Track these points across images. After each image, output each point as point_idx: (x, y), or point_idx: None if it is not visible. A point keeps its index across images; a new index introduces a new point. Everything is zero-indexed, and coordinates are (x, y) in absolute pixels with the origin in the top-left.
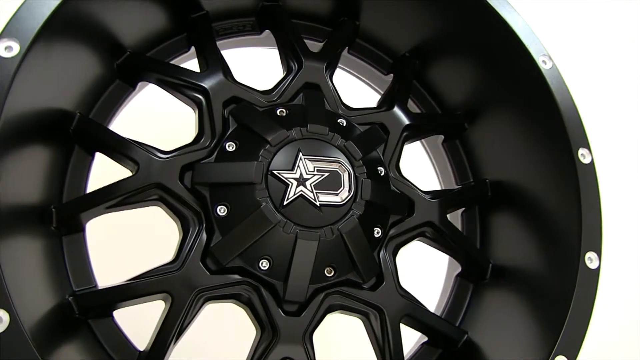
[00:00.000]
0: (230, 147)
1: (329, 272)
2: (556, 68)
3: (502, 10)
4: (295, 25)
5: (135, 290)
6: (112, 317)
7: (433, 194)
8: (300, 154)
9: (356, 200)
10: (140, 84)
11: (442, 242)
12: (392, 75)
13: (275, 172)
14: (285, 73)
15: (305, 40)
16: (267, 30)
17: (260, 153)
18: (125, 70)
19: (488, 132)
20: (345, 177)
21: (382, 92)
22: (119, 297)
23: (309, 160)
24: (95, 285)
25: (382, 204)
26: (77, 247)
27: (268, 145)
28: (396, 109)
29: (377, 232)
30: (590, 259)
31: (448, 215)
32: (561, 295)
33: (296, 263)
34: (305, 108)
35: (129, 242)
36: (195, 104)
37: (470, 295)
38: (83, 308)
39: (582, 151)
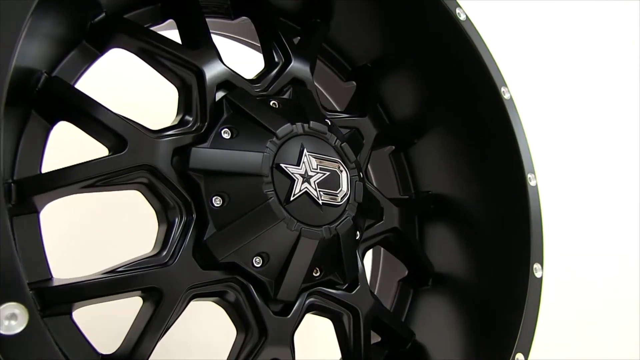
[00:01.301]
0: (226, 134)
1: (316, 272)
2: (512, 99)
3: (471, 34)
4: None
5: (115, 285)
6: (71, 315)
7: (394, 201)
8: (305, 150)
9: (349, 202)
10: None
11: (400, 248)
12: (352, 82)
13: (282, 165)
14: (268, 65)
15: None
16: (242, 18)
17: (267, 144)
18: (98, 31)
19: (436, 148)
20: (344, 178)
21: None
22: (94, 292)
23: (313, 158)
24: (51, 278)
25: (367, 207)
26: (30, 230)
27: (274, 137)
28: (369, 117)
29: (358, 235)
30: (536, 269)
31: None
32: (511, 301)
33: (294, 261)
34: (300, 104)
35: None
36: (183, 83)
37: (410, 299)
38: (44, 304)
39: (529, 175)
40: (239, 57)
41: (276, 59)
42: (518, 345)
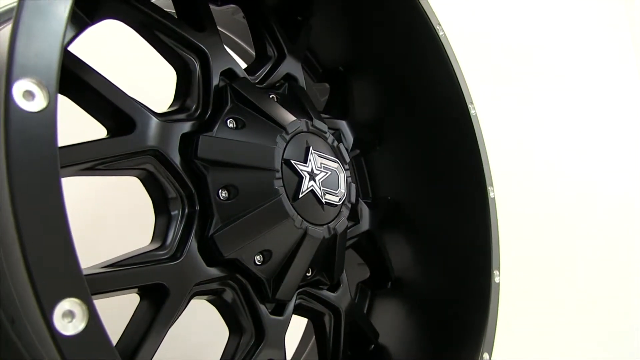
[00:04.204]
0: (231, 124)
1: (308, 272)
2: (477, 115)
3: (447, 51)
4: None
5: (117, 280)
6: None
7: (367, 204)
8: (311, 148)
9: (345, 203)
10: None
11: (369, 251)
12: (324, 84)
13: (292, 161)
14: (260, 57)
15: None
16: (229, 6)
17: (277, 139)
18: None
19: (398, 155)
20: (342, 178)
21: None
22: (94, 289)
23: (317, 156)
24: None
25: (355, 209)
26: None
27: (284, 132)
28: (347, 121)
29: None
30: (495, 275)
31: None
32: (474, 304)
33: (297, 260)
34: (299, 100)
35: None
36: (184, 65)
37: (368, 302)
38: None
39: (489, 188)
40: None
41: (269, 52)
42: (484, 346)
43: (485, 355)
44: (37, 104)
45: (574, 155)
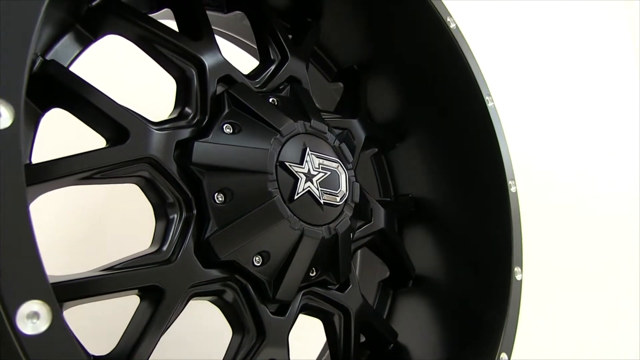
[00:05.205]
0: (228, 129)
1: (312, 272)
2: (495, 107)
3: (460, 43)
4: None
5: (114, 283)
6: (61, 314)
7: (380, 203)
8: (308, 149)
9: (347, 202)
10: None
11: (386, 250)
12: (338, 84)
13: (287, 163)
14: (263, 61)
15: None
16: (235, 12)
17: (271, 142)
18: (94, 15)
19: (417, 152)
20: (343, 178)
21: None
22: (91, 291)
23: (315, 157)
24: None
25: (359, 208)
26: None
27: (278, 135)
28: (358, 119)
29: (351, 235)
30: (517, 272)
31: None
32: (493, 303)
33: (295, 261)
34: (299, 102)
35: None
36: (182, 74)
37: (390, 301)
38: None
39: (510, 182)
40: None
41: (272, 56)
42: (502, 345)
43: (503, 356)
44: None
45: (574, 155)
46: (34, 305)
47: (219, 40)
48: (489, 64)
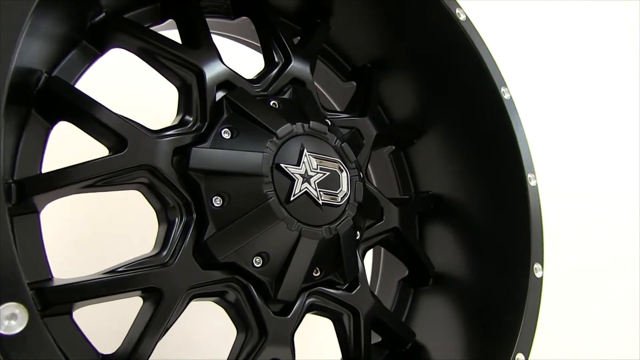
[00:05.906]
0: (226, 134)
1: (316, 272)
2: (512, 99)
3: (471, 34)
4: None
5: (115, 285)
6: (71, 315)
7: (394, 201)
8: (305, 150)
9: (350, 202)
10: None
11: (401, 248)
12: (352, 83)
13: (282, 165)
14: (268, 65)
15: None
16: (242, 18)
17: (267, 144)
18: (99, 31)
19: (435, 148)
20: (344, 178)
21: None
22: (94, 292)
23: (313, 158)
24: (51, 278)
25: (367, 207)
26: (31, 230)
27: (274, 137)
28: (368, 117)
29: (357, 235)
30: (537, 269)
31: None
32: (512, 301)
33: (295, 261)
34: (300, 103)
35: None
36: (183, 83)
37: (411, 300)
38: (45, 304)
39: (530, 175)
40: (239, 57)
41: (276, 59)
42: (518, 345)
43: (520, 356)
44: None
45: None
46: (12, 308)
47: (233, 45)
48: None
